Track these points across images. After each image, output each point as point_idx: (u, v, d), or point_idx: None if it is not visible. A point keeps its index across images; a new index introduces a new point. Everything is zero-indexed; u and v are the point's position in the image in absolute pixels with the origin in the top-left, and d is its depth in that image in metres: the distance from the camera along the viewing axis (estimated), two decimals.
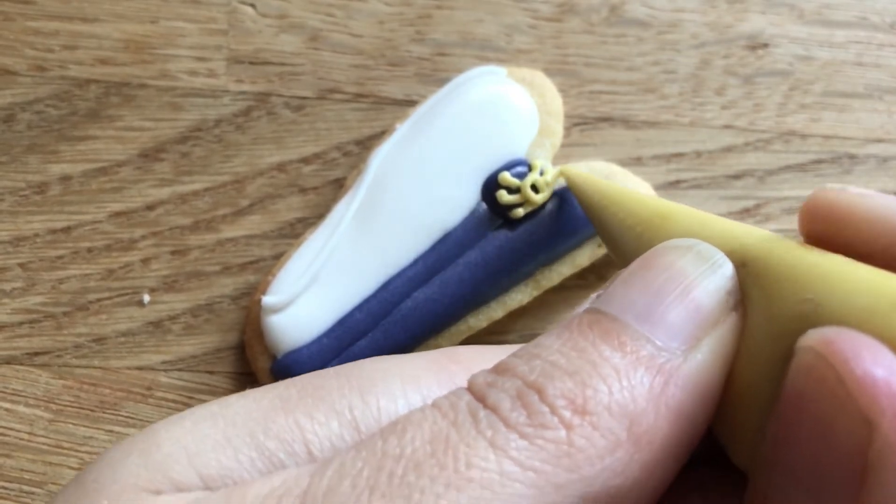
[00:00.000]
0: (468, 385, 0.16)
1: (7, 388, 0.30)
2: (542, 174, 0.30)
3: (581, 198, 0.25)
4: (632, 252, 0.18)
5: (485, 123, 0.30)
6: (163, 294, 0.31)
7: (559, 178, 0.31)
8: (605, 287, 0.17)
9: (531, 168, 0.30)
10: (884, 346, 0.14)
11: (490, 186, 0.30)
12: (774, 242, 0.17)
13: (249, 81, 0.32)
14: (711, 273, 0.16)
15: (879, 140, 0.34)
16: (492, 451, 0.14)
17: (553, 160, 0.31)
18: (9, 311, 0.31)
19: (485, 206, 0.30)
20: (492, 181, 0.30)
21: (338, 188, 0.32)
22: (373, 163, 0.30)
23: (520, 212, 0.30)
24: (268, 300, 0.29)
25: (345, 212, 0.30)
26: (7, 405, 0.30)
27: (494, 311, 0.31)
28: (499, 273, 0.30)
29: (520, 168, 0.30)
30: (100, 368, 0.31)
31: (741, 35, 0.34)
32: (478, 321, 0.31)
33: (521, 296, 0.31)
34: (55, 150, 0.32)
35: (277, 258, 0.31)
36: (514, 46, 0.33)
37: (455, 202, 0.30)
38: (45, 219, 0.31)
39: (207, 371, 0.31)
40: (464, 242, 0.30)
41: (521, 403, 0.15)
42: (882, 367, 0.14)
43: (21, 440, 0.30)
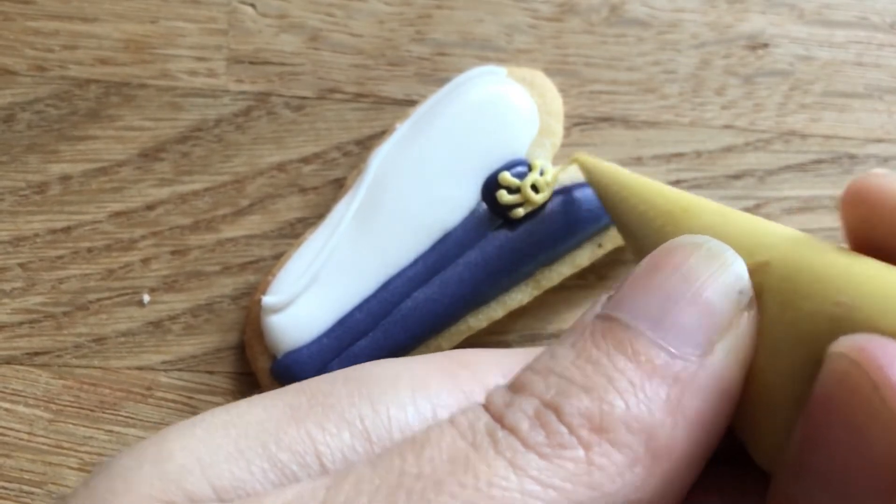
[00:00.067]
0: (486, 403, 0.15)
1: (7, 388, 0.30)
2: (543, 174, 0.30)
3: (598, 187, 0.23)
4: (650, 245, 0.17)
5: (485, 123, 0.30)
6: (163, 294, 0.31)
7: (559, 178, 0.31)
8: (616, 288, 0.16)
9: (531, 168, 0.30)
10: None
11: (490, 186, 0.30)
12: (802, 241, 0.16)
13: (249, 81, 0.32)
14: (722, 272, 0.16)
15: (879, 140, 0.34)
16: (512, 471, 0.14)
17: (553, 160, 0.31)
18: (9, 311, 0.31)
19: (485, 206, 0.30)
20: (492, 181, 0.30)
21: (338, 188, 0.32)
22: (373, 163, 0.30)
23: (520, 212, 0.30)
24: (268, 300, 0.29)
25: (345, 212, 0.30)
26: (7, 405, 0.30)
27: (494, 311, 0.31)
28: (499, 273, 0.30)
29: (520, 168, 0.30)
30: (100, 368, 0.31)
31: (741, 35, 0.34)
32: (478, 321, 0.30)
33: (522, 296, 0.31)
34: (55, 150, 0.32)
35: (277, 258, 0.31)
36: (515, 46, 0.33)
37: (455, 202, 0.30)
38: (45, 219, 0.31)
39: (207, 371, 0.31)
40: (464, 242, 0.30)
41: (540, 423, 0.15)
42: None
43: (21, 440, 0.30)
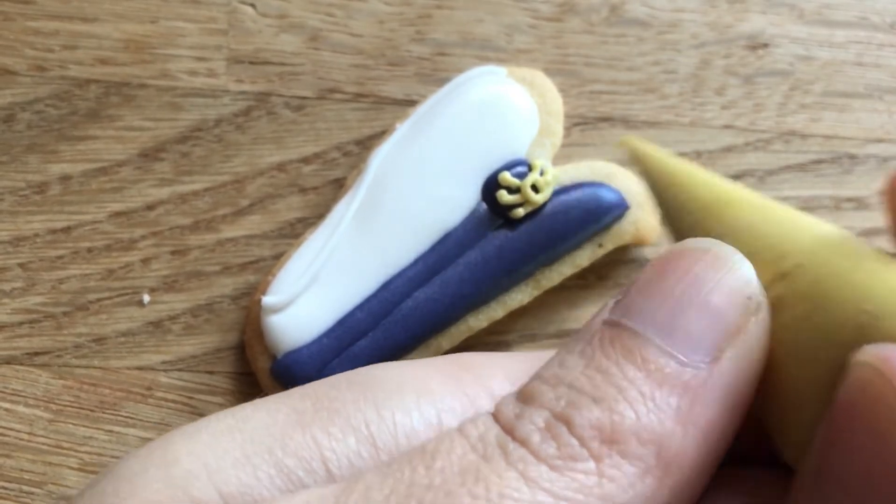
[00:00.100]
0: (495, 413, 0.16)
1: (7, 388, 0.30)
2: (543, 174, 0.30)
3: (643, 173, 0.23)
4: (686, 237, 0.17)
5: (485, 123, 0.30)
6: (163, 294, 0.31)
7: (559, 178, 0.31)
8: (623, 292, 0.16)
9: (531, 168, 0.30)
10: None
11: (490, 186, 0.30)
12: (837, 243, 0.16)
13: (249, 81, 0.32)
14: (730, 277, 0.16)
15: (880, 140, 0.34)
16: (524, 483, 0.15)
17: (553, 160, 0.31)
18: (9, 311, 0.31)
19: (485, 206, 0.30)
20: (492, 181, 0.30)
21: (338, 188, 0.32)
22: (373, 163, 0.30)
23: (520, 212, 0.30)
24: (268, 300, 0.29)
25: (345, 212, 0.30)
26: (7, 405, 0.30)
27: (495, 311, 0.31)
28: (499, 273, 0.30)
29: (520, 168, 0.30)
30: (100, 368, 0.31)
31: (741, 35, 0.34)
32: (478, 321, 0.30)
33: (522, 296, 0.31)
34: (55, 150, 0.32)
35: (277, 258, 0.31)
36: (515, 46, 0.33)
37: (455, 202, 0.30)
38: (45, 219, 0.31)
39: (207, 371, 0.31)
40: (464, 242, 0.30)
41: (551, 435, 0.15)
42: None
43: (21, 440, 0.30)
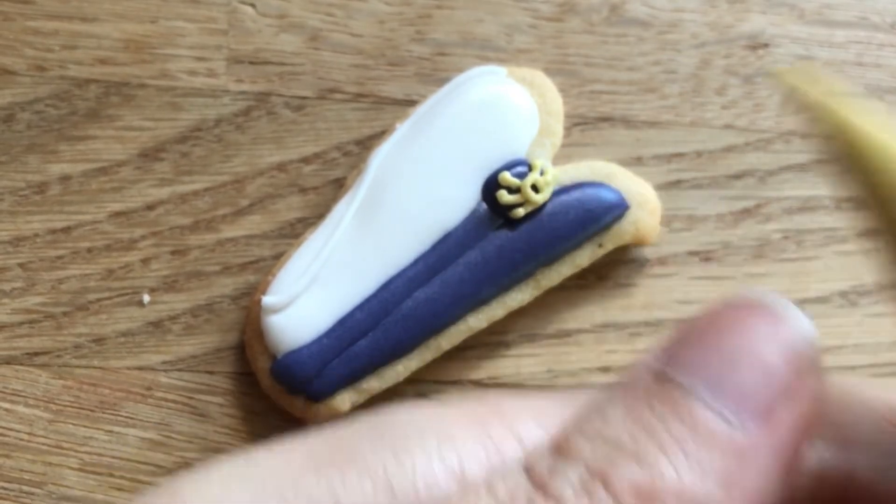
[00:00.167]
0: (527, 467, 0.15)
1: (7, 389, 0.30)
2: (543, 174, 0.30)
3: (827, 136, 0.17)
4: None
5: (485, 123, 0.30)
6: (163, 294, 0.31)
7: (559, 178, 0.31)
8: (673, 339, 0.16)
9: (531, 168, 0.30)
10: None
11: (490, 186, 0.30)
12: None
13: (249, 81, 0.32)
14: (786, 333, 0.15)
15: None
16: None
17: (553, 160, 0.31)
18: (8, 311, 0.31)
19: (485, 206, 0.30)
20: (492, 181, 0.30)
21: (338, 188, 0.32)
22: (373, 163, 0.30)
23: (520, 212, 0.30)
24: (268, 300, 0.29)
25: (345, 212, 0.30)
26: (7, 405, 0.30)
27: (495, 311, 0.31)
28: (499, 273, 0.30)
29: (520, 168, 0.30)
30: (100, 368, 0.31)
31: (742, 35, 0.34)
32: (478, 321, 0.30)
33: (522, 295, 0.31)
34: (55, 150, 0.32)
35: (277, 258, 0.31)
36: (515, 46, 0.33)
37: (455, 202, 0.30)
38: (45, 219, 0.31)
39: (207, 371, 0.31)
40: (464, 242, 0.30)
41: (585, 493, 0.14)
42: None
43: (21, 440, 0.30)
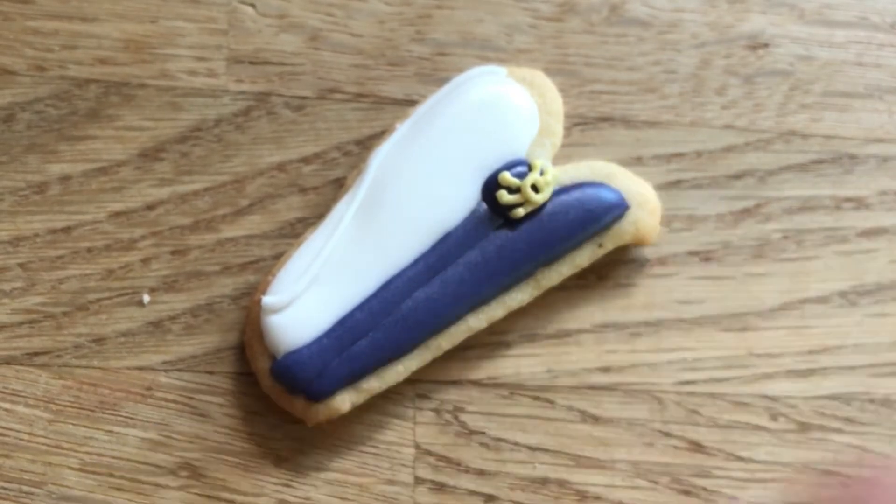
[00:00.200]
0: None
1: (7, 389, 0.30)
2: (543, 174, 0.30)
3: None
4: None
5: (485, 123, 0.30)
6: (163, 294, 0.31)
7: (559, 178, 0.31)
8: None
9: (531, 168, 0.30)
10: None
11: (490, 186, 0.30)
12: None
13: (249, 81, 0.32)
14: None
15: (880, 140, 0.34)
16: None
17: (553, 160, 0.31)
18: (8, 311, 0.31)
19: (485, 206, 0.30)
20: (492, 181, 0.30)
21: (338, 188, 0.32)
22: (373, 163, 0.30)
23: (520, 212, 0.30)
24: (268, 300, 0.29)
25: (345, 212, 0.30)
26: (7, 405, 0.30)
27: (495, 311, 0.31)
28: (499, 273, 0.30)
29: (520, 168, 0.30)
30: (99, 368, 0.31)
31: (742, 35, 0.34)
32: (478, 321, 0.31)
33: (522, 295, 0.31)
34: (55, 150, 0.32)
35: (277, 258, 0.31)
36: (515, 46, 0.33)
37: (455, 202, 0.30)
38: (45, 219, 0.31)
39: (207, 371, 0.31)
40: (464, 242, 0.30)
41: None
42: None
43: (21, 440, 0.30)
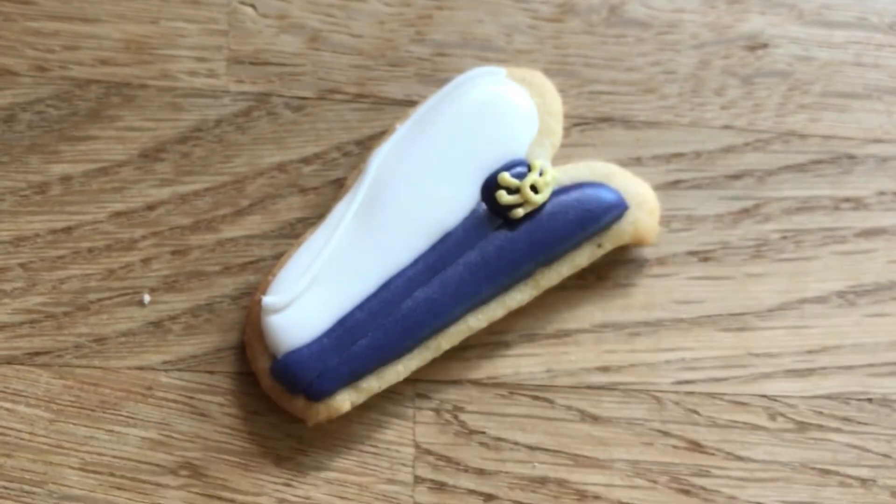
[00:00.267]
0: None
1: (8, 388, 0.30)
2: (542, 174, 0.30)
3: None
4: None
5: (485, 124, 0.31)
6: (163, 294, 0.31)
7: (558, 178, 0.31)
8: None
9: (531, 168, 0.30)
10: None
11: (490, 187, 0.30)
12: None
13: (250, 82, 0.33)
14: None
15: (878, 140, 0.34)
16: None
17: (553, 160, 0.31)
18: (9, 311, 0.31)
19: (485, 207, 0.30)
20: (492, 181, 0.30)
21: (338, 188, 0.32)
22: (373, 163, 0.31)
23: (519, 212, 0.30)
24: (268, 300, 0.29)
25: (345, 212, 0.30)
26: (8, 405, 0.30)
27: (494, 311, 0.31)
28: (499, 273, 0.30)
29: (519, 168, 0.30)
30: (100, 368, 0.31)
31: (741, 35, 0.34)
32: (478, 321, 0.31)
33: (521, 296, 0.31)
34: (56, 151, 0.32)
35: (278, 258, 0.31)
36: (514, 47, 0.33)
37: (455, 202, 0.30)
38: (46, 219, 0.31)
39: (208, 371, 0.31)
40: (464, 242, 0.30)
41: None
42: None
43: (22, 440, 0.30)
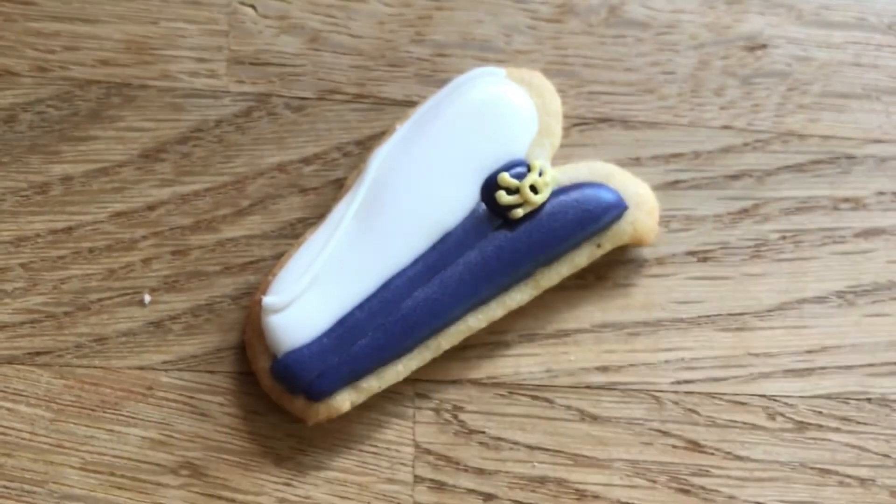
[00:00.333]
0: None
1: (8, 388, 0.30)
2: (541, 175, 0.30)
3: None
4: None
5: (484, 124, 0.31)
6: (164, 294, 0.31)
7: (558, 178, 0.31)
8: None
9: (530, 169, 0.30)
10: None
11: (489, 187, 0.30)
12: None
13: (250, 82, 0.33)
14: None
15: (877, 140, 0.34)
16: None
17: (552, 161, 0.31)
18: (10, 311, 0.31)
19: (484, 207, 0.30)
20: (491, 182, 0.30)
21: (338, 188, 0.32)
22: (373, 163, 0.31)
23: (519, 212, 0.30)
24: (268, 300, 0.30)
25: (345, 212, 0.30)
26: (8, 405, 0.30)
27: (494, 311, 0.31)
28: (498, 273, 0.30)
29: (519, 169, 0.30)
30: (101, 368, 0.31)
31: (740, 36, 0.34)
32: (478, 321, 0.31)
33: (521, 296, 0.31)
34: (57, 151, 0.32)
35: (278, 258, 0.32)
36: (514, 47, 0.34)
37: (455, 202, 0.30)
38: (47, 219, 0.31)
39: (208, 371, 0.31)
40: (464, 242, 0.30)
41: None
42: None
43: (22, 440, 0.30)
